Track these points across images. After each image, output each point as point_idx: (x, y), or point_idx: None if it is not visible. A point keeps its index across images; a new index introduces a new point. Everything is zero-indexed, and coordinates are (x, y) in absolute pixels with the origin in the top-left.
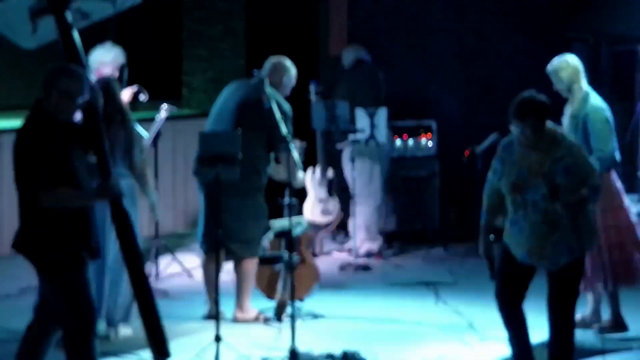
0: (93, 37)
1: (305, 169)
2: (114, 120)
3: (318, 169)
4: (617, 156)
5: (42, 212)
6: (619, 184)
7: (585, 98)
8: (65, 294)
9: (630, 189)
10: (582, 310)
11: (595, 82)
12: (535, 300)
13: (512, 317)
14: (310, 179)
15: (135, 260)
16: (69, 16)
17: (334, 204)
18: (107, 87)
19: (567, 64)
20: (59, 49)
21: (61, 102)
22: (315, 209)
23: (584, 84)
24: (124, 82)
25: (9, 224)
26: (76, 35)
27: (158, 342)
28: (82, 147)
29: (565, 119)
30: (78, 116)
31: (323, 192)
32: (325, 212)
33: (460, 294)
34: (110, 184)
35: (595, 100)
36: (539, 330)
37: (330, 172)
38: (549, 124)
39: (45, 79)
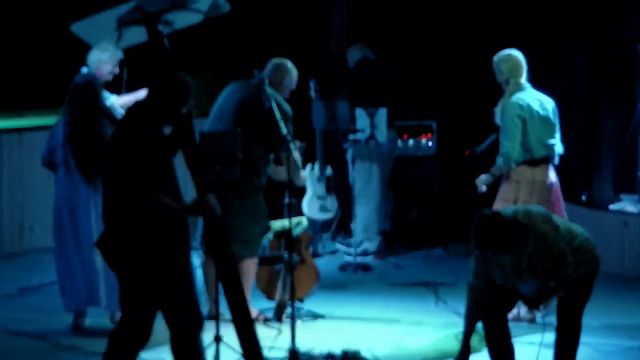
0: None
1: (304, 167)
2: (101, 119)
3: (317, 166)
4: (558, 150)
5: (141, 212)
6: (554, 179)
7: (512, 93)
8: (143, 291)
9: (630, 190)
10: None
11: (595, 82)
12: None
13: (496, 327)
14: (309, 175)
15: (234, 283)
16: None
17: (332, 202)
18: (91, 86)
19: (509, 58)
20: (55, 52)
21: (167, 108)
22: (313, 205)
23: (522, 81)
24: (124, 81)
25: (8, 224)
26: (166, 43)
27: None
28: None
29: (497, 110)
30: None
31: (322, 189)
32: (323, 209)
33: (460, 295)
34: (207, 200)
35: (521, 97)
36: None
37: (329, 170)
38: (510, 219)
39: (155, 83)
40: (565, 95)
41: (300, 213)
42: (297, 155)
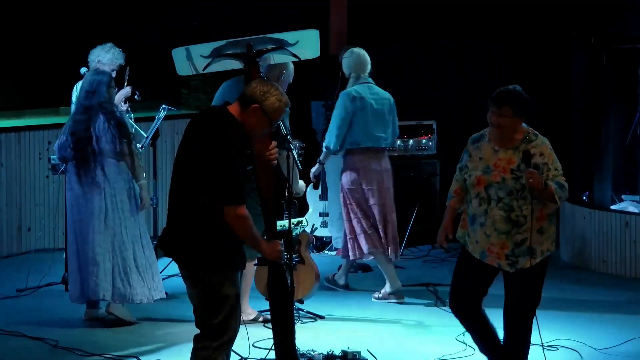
0: (97, 38)
1: (304, 169)
2: (99, 114)
3: (320, 186)
4: (388, 143)
5: (212, 220)
6: (388, 166)
7: (351, 85)
8: (211, 298)
9: (632, 190)
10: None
11: (595, 82)
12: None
13: (470, 322)
14: (310, 194)
15: (284, 301)
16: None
17: (336, 220)
18: (104, 85)
19: (351, 54)
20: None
21: (257, 120)
22: (314, 222)
23: (363, 75)
24: (125, 82)
25: (6, 225)
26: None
27: None
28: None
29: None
30: None
31: (324, 207)
32: (324, 225)
33: None
34: (277, 245)
35: (358, 89)
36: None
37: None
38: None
39: (259, 91)
40: (565, 95)
41: (300, 213)
42: (296, 155)
